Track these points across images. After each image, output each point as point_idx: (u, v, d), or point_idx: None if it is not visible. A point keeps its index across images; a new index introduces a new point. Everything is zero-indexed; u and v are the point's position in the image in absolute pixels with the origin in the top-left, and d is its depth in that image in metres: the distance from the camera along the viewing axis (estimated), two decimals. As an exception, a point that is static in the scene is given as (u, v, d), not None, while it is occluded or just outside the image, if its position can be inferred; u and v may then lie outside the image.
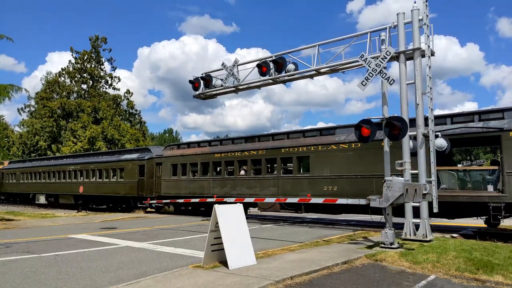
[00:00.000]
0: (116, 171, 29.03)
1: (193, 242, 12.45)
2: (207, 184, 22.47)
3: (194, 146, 24.53)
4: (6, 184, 43.22)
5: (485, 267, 8.25)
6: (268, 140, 20.89)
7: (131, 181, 27.43)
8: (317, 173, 17.74)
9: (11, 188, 42.28)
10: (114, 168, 29.34)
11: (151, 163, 26.72)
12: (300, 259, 9.02)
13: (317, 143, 18.10)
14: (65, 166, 34.64)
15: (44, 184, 36.47)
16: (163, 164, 25.33)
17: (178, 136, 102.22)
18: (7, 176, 43.21)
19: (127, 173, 27.95)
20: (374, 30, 13.71)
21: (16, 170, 41.67)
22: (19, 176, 40.78)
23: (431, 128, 11.98)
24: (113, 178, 29.23)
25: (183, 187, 23.74)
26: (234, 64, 17.05)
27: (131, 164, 27.87)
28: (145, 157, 27.01)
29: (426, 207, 12.02)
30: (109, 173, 29.65)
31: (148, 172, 26.59)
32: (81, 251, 10.83)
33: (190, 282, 7.02)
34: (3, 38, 21.51)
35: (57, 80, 57.19)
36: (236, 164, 21.35)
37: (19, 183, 40.49)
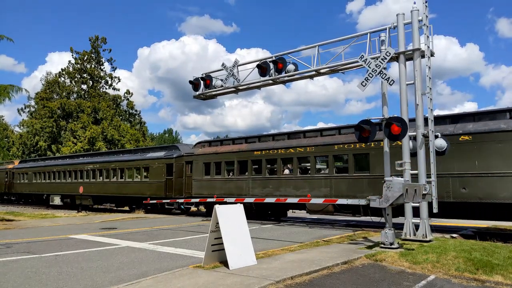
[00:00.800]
0: (140, 170, 27.25)
1: (193, 242, 12.47)
2: (246, 184, 20.97)
3: (228, 143, 23.16)
4: (17, 185, 41.08)
5: (484, 267, 8.27)
6: (316, 136, 19.22)
7: (158, 181, 25.60)
8: (379, 171, 15.38)
9: (22, 188, 40.17)
10: (138, 167, 27.47)
11: (180, 162, 24.80)
12: (300, 259, 9.05)
13: (380, 139, 15.70)
14: (82, 165, 32.85)
15: (59, 185, 34.62)
16: (194, 162, 23.60)
17: (178, 137, 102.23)
18: (18, 176, 41.08)
19: (153, 173, 26.10)
20: (374, 30, 13.74)
21: (28, 170, 39.67)
22: (31, 176, 38.83)
23: (431, 128, 12.00)
24: (137, 178, 27.40)
25: (218, 187, 22.14)
26: (234, 64, 17.08)
27: (158, 162, 25.94)
28: (173, 155, 25.11)
29: (426, 207, 12.04)
30: (132, 173, 27.77)
31: (177, 171, 24.69)
32: (82, 251, 10.85)
33: (191, 282, 7.04)
34: (3, 38, 21.54)
35: (57, 81, 57.23)
36: (279, 162, 19.82)
37: (32, 183, 38.52)
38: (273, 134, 21.93)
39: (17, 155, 54.40)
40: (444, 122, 15.24)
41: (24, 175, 40.20)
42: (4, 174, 43.15)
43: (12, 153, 54.68)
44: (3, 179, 43.37)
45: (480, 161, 13.85)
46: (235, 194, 20.84)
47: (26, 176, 39.72)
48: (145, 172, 27.00)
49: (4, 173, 43.20)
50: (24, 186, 40.00)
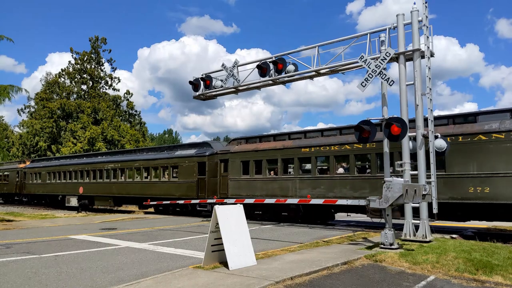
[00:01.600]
0: (168, 170, 25.27)
1: (193, 242, 12.47)
2: (292, 184, 19.08)
3: (268, 140, 21.33)
4: (29, 185, 38.81)
5: (484, 267, 8.27)
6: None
7: (189, 180, 23.61)
8: (457, 170, 14.28)
9: (35, 189, 37.94)
10: (166, 166, 25.46)
11: (214, 160, 22.88)
12: (300, 260, 9.05)
13: (456, 133, 14.48)
14: (102, 164, 30.77)
15: (76, 185, 32.50)
16: (231, 161, 21.71)
17: (178, 137, 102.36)
18: (30, 175, 38.80)
19: (183, 172, 24.04)
20: (374, 31, 13.75)
21: (42, 169, 37.41)
22: (45, 176, 36.60)
23: (430, 129, 12.01)
24: (164, 178, 25.53)
25: (258, 187, 20.31)
26: (234, 65, 17.08)
27: (188, 161, 23.92)
28: (205, 153, 23.24)
29: (425, 208, 12.05)
30: (159, 172, 25.87)
31: (210, 170, 22.77)
32: (82, 251, 10.85)
33: (191, 283, 7.04)
34: (3, 39, 21.52)
35: (57, 81, 57.21)
36: (332, 160, 17.87)
37: (46, 184, 36.27)
38: (322, 129, 19.82)
39: (17, 156, 54.40)
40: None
41: (37, 175, 38.16)
42: (15, 174, 41.33)
43: (12, 153, 54.66)
44: (13, 179, 41.46)
45: None
46: (279, 195, 19.10)
47: (39, 176, 37.68)
48: (173, 171, 25.14)
49: (14, 173, 41.40)
50: (37, 187, 37.96)
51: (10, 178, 42.13)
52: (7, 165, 44.36)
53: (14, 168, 41.83)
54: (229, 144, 23.28)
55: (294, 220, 18.91)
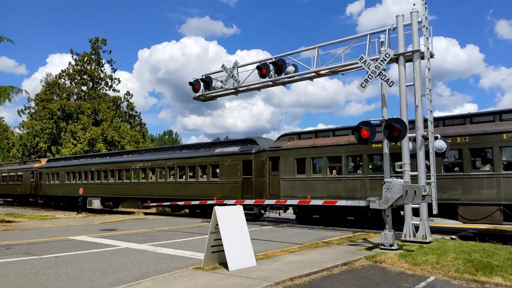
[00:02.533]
0: (208, 169, 23.02)
1: (193, 243, 12.47)
2: (361, 184, 17.04)
3: (326, 135, 19.23)
4: (45, 186, 36.49)
5: (484, 268, 8.27)
6: (462, 124, 15.31)
7: (232, 180, 21.47)
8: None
9: (53, 190, 35.48)
10: (204, 164, 23.28)
11: (261, 158, 20.82)
12: (300, 261, 9.05)
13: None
14: (129, 163, 28.49)
15: (98, 186, 30.46)
16: (282, 158, 19.69)
17: (178, 138, 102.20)
18: (46, 176, 36.43)
19: (225, 171, 21.97)
20: (373, 32, 13.76)
21: (60, 169, 35.07)
22: (63, 176, 34.29)
23: (430, 129, 12.01)
24: (203, 178, 23.34)
25: (318, 188, 18.21)
26: (234, 66, 17.09)
27: (231, 159, 21.76)
28: (252, 150, 21.04)
29: (425, 208, 12.05)
30: (196, 171, 23.73)
31: (258, 169, 20.67)
32: (81, 252, 10.85)
33: (190, 284, 7.04)
34: (3, 40, 21.57)
35: (57, 82, 57.26)
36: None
37: (64, 185, 33.97)
38: None
39: (17, 157, 54.42)
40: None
41: (54, 175, 35.69)
42: (30, 174, 39.07)
43: (12, 154, 54.69)
44: (28, 180, 39.10)
45: None
46: (344, 197, 17.01)
47: (57, 176, 35.20)
48: (213, 170, 23.02)
49: (29, 173, 39.19)
50: (54, 188, 35.44)
51: (24, 178, 39.88)
52: (21, 164, 43.15)
53: (28, 168, 39.82)
54: (278, 140, 21.33)
55: (361, 225, 17.16)
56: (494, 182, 13.94)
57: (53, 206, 35.84)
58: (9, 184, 42.36)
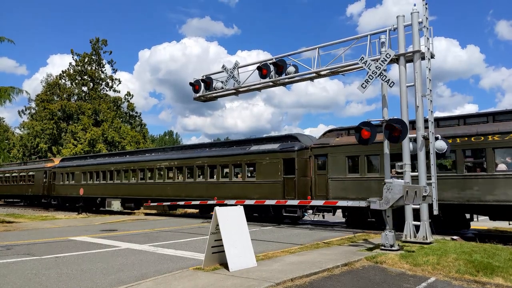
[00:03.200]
0: (243, 168, 21.42)
1: (193, 244, 12.47)
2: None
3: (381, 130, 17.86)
4: (59, 186, 34.42)
5: (485, 269, 8.26)
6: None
7: (272, 180, 19.79)
8: None
9: (67, 190, 33.38)
10: (238, 163, 21.66)
11: (304, 156, 19.22)
12: (300, 261, 9.04)
13: None
14: (152, 162, 26.60)
15: (118, 186, 28.55)
16: (331, 156, 17.93)
17: (179, 138, 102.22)
18: (60, 176, 34.43)
19: (263, 170, 20.31)
20: (374, 32, 13.76)
21: (75, 169, 33.06)
22: (79, 176, 32.39)
23: (431, 130, 12.00)
24: (237, 177, 21.84)
25: (375, 189, 16.06)
26: (234, 66, 17.10)
27: (270, 157, 20.14)
28: (294, 148, 19.37)
29: (426, 209, 12.04)
30: (230, 171, 22.11)
31: (301, 168, 19.09)
32: (82, 253, 10.85)
33: (191, 284, 7.04)
34: (3, 40, 21.56)
35: (58, 83, 57.31)
36: (490, 153, 13.97)
37: (80, 185, 31.90)
38: (465, 115, 15.89)
39: (17, 157, 54.46)
40: None
41: (69, 175, 33.68)
42: (42, 174, 36.95)
43: (12, 155, 54.73)
44: (40, 180, 36.93)
45: None
46: None
47: (72, 176, 33.25)
48: (249, 169, 21.48)
49: (41, 173, 37.04)
50: (69, 188, 33.31)
51: (36, 178, 37.67)
52: (32, 164, 41.43)
53: (41, 167, 37.70)
54: (324, 136, 19.45)
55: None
56: None
57: (68, 208, 33.51)
58: (20, 184, 40.15)
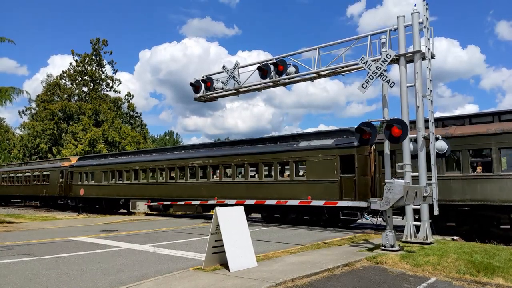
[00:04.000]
0: (290, 166, 19.37)
1: (194, 244, 12.46)
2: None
3: (459, 123, 15.49)
4: (77, 187, 32.13)
5: (485, 269, 8.25)
6: None
7: (326, 180, 17.77)
8: None
9: (86, 191, 31.35)
10: (285, 161, 19.56)
11: (364, 153, 17.42)
12: (301, 262, 9.04)
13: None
14: (184, 160, 24.42)
15: (145, 187, 26.32)
16: (400, 153, 14.41)
17: (179, 139, 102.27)
18: (79, 175, 32.20)
19: (315, 168, 18.22)
20: (374, 33, 13.76)
21: (96, 168, 30.84)
22: (99, 176, 30.13)
23: (431, 130, 12.00)
24: (283, 176, 19.84)
25: (456, 189, 14.37)
26: (235, 66, 17.10)
27: (323, 154, 18.06)
28: (353, 143, 17.08)
29: (426, 209, 12.03)
30: (274, 169, 19.98)
31: (361, 166, 17.20)
32: (82, 253, 10.84)
33: (191, 285, 7.03)
34: (4, 40, 21.56)
35: (58, 83, 57.34)
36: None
37: (101, 185, 29.78)
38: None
39: (18, 158, 54.46)
40: None
41: (88, 175, 31.46)
42: (58, 173, 34.74)
43: (13, 155, 54.76)
44: (56, 180, 34.71)
45: None
46: (497, 200, 13.60)
47: (92, 175, 30.98)
48: (298, 167, 19.70)
49: (57, 173, 34.84)
50: (88, 189, 31.15)
51: (51, 178, 35.39)
52: (46, 163, 39.40)
53: (56, 167, 35.47)
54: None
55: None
56: None
57: (87, 209, 31.23)
58: (33, 185, 37.77)
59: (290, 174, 19.45)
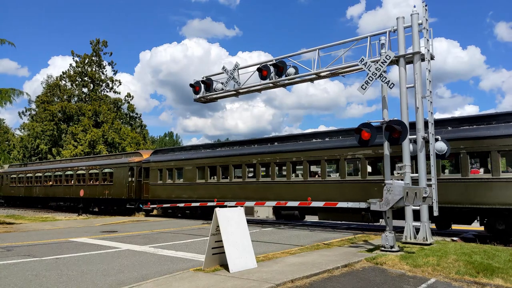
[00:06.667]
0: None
1: (194, 245, 12.47)
2: None
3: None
4: (155, 187, 26.05)
5: (485, 270, 8.26)
6: None
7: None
8: None
9: (171, 192, 24.82)
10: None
11: None
12: (300, 263, 9.05)
13: None
14: (287, 154, 19.30)
15: (270, 186, 19.97)
16: None
17: (179, 139, 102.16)
18: (158, 173, 26.06)
19: None
20: (374, 34, 13.79)
21: (185, 163, 24.31)
22: (191, 173, 23.72)
23: (431, 131, 12.01)
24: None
25: None
26: (234, 67, 17.12)
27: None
28: None
29: (426, 210, 12.04)
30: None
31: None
32: (82, 254, 10.85)
33: (191, 285, 7.04)
34: (4, 42, 21.57)
35: (58, 84, 57.34)
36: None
37: (194, 185, 23.47)
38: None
39: (18, 158, 54.43)
40: None
41: (172, 172, 25.15)
42: (126, 171, 28.41)
43: (13, 156, 54.72)
44: (123, 179, 28.46)
45: None
46: None
47: (180, 173, 24.88)
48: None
49: (124, 170, 28.54)
50: (173, 190, 24.78)
51: (116, 177, 29.16)
52: (106, 159, 32.85)
53: (123, 163, 29.17)
54: None
55: None
56: None
57: (170, 215, 25.00)
58: (89, 185, 31.52)
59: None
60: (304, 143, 19.55)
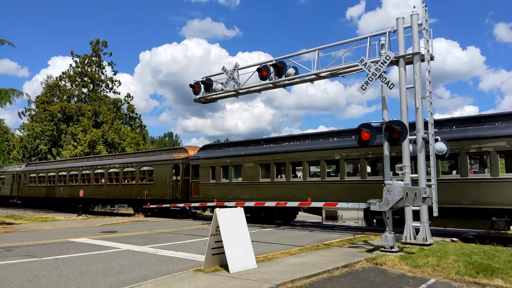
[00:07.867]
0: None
1: (193, 245, 12.47)
2: None
3: None
4: (207, 187, 22.79)
5: (485, 270, 8.27)
6: None
7: None
8: None
9: (228, 193, 21.53)
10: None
11: None
12: (300, 263, 9.05)
13: None
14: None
15: (353, 186, 17.10)
16: None
17: (179, 140, 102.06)
18: (210, 171, 22.83)
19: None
20: (374, 34, 13.80)
21: (246, 160, 21.14)
22: (253, 171, 20.65)
23: (431, 132, 12.02)
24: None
25: None
26: (234, 68, 17.12)
27: None
28: None
29: (426, 211, 12.04)
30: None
31: None
32: (82, 254, 10.84)
33: (191, 286, 7.04)
34: (4, 43, 21.57)
35: (58, 84, 57.33)
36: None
37: (257, 185, 20.44)
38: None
39: (17, 159, 54.40)
40: None
41: (229, 170, 21.98)
42: (168, 169, 25.20)
43: (12, 156, 54.69)
44: (166, 178, 25.20)
45: None
46: None
47: (237, 171, 21.74)
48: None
49: (167, 168, 25.28)
50: (231, 190, 21.59)
51: (157, 176, 25.92)
52: (144, 155, 29.09)
53: (166, 160, 25.90)
54: None
55: None
56: None
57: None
58: (123, 185, 28.32)
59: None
60: None
